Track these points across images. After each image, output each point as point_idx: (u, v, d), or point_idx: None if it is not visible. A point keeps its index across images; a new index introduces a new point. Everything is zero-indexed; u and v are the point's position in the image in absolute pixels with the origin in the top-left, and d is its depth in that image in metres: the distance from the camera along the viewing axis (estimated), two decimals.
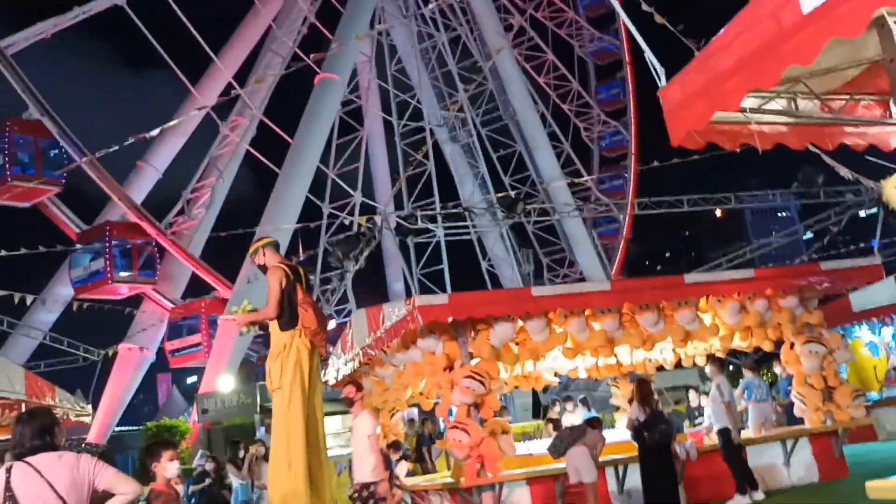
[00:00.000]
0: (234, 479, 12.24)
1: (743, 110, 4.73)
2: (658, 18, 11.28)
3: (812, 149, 5.37)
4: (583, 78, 51.97)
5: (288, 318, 6.00)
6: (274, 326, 6.10)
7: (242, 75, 35.63)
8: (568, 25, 51.17)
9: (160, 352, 33.01)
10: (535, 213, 27.86)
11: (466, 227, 36.04)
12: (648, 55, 4.82)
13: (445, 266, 36.01)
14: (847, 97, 5.19)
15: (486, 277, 41.66)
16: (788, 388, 13.89)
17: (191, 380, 42.11)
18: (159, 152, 34.37)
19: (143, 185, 33.94)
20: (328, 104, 36.13)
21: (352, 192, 39.31)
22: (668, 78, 4.89)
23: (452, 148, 42.32)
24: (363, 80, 41.43)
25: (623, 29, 49.71)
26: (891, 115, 4.91)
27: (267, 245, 6.36)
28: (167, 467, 5.41)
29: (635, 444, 10.27)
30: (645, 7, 11.32)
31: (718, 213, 29.84)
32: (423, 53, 42.56)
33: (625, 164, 51.23)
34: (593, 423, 10.69)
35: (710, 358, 12.41)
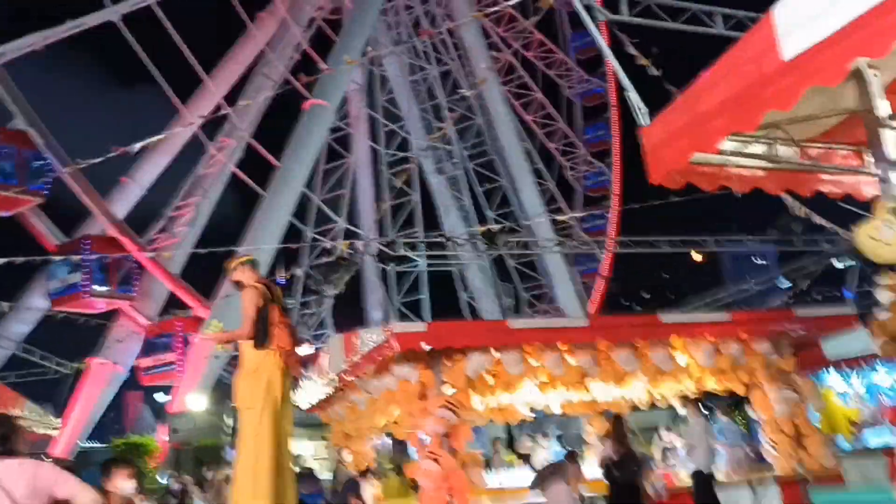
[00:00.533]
0: (199, 502, 12.06)
1: (722, 152, 4.82)
2: (641, 60, 11.52)
3: (788, 195, 5.47)
4: (570, 118, 52.61)
5: (262, 337, 5.97)
6: (247, 345, 6.06)
7: (233, 97, 35.70)
8: (557, 66, 51.93)
9: (132, 369, 32.58)
10: (517, 246, 27.97)
11: (448, 257, 36.09)
12: (631, 94, 4.92)
13: (426, 296, 36.01)
14: (825, 145, 5.31)
15: (467, 310, 41.70)
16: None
17: (161, 398, 41.52)
18: (144, 169, 34.25)
19: (125, 200, 33.73)
20: (317, 130, 36.28)
21: (336, 218, 39.38)
22: (650, 118, 4.97)
23: (438, 179, 42.58)
24: (353, 108, 41.73)
25: (610, 72, 50.44)
26: (866, 166, 5.02)
27: (245, 262, 6.35)
28: (119, 486, 5.30)
29: (605, 482, 10.27)
30: (630, 49, 11.56)
31: (698, 257, 30.08)
32: (413, 85, 42.98)
33: (607, 204, 51.71)
34: (572, 458, 10.68)
35: (687, 400, 12.44)
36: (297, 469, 11.46)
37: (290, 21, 37.14)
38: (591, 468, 14.50)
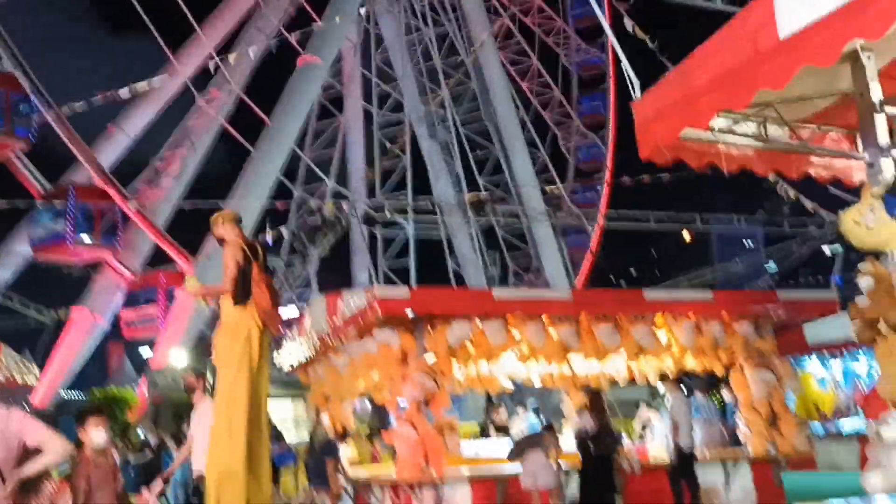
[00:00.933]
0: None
1: (712, 130, 4.75)
2: (639, 33, 11.38)
3: (776, 176, 5.42)
4: (566, 87, 52.20)
5: (241, 294, 5.91)
6: (226, 301, 6.00)
7: (225, 49, 35.15)
8: (556, 34, 51.39)
9: (114, 320, 32.48)
10: (506, 216, 27.93)
11: (436, 223, 36.02)
12: (626, 67, 4.83)
13: (412, 261, 35.97)
14: (816, 127, 5.24)
15: (452, 277, 41.72)
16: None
17: (144, 352, 41.52)
18: (132, 118, 33.78)
19: (112, 149, 33.30)
20: (309, 87, 35.87)
21: (325, 178, 39.13)
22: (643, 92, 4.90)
23: (430, 143, 42.26)
24: (346, 67, 41.24)
25: (609, 44, 49.96)
26: (857, 150, 4.96)
27: (229, 218, 6.26)
28: (91, 435, 5.31)
29: (579, 454, 10.34)
30: (627, 22, 11.41)
31: (687, 236, 30.18)
32: (409, 46, 42.47)
33: (599, 177, 51.56)
34: (550, 430, 10.73)
35: (666, 379, 12.52)
36: None
37: None
38: (569, 441, 14.62)
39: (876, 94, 4.40)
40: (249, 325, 5.87)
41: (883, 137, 4.38)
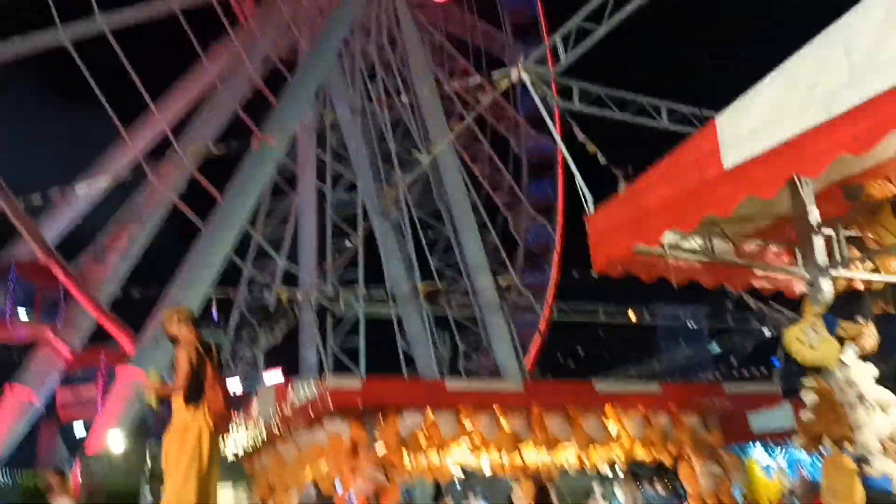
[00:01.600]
0: None
1: (662, 245, 4.96)
2: (590, 148, 11.92)
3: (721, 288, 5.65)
4: (516, 172, 53.39)
5: (193, 395, 5.82)
6: (178, 402, 5.89)
7: (179, 128, 35.27)
8: (507, 121, 52.88)
9: (49, 399, 31.22)
10: (456, 305, 28.13)
11: (386, 303, 35.99)
12: (579, 181, 5.06)
13: (362, 346, 35.68)
14: (759, 242, 5.51)
15: (402, 358, 41.40)
16: None
17: (79, 434, 39.82)
18: (80, 192, 33.34)
19: (57, 225, 32.73)
20: (263, 167, 36.03)
21: (276, 256, 38.92)
22: (596, 206, 5.10)
23: (382, 224, 42.53)
24: (301, 147, 41.64)
25: (559, 132, 51.45)
26: (797, 264, 5.21)
27: (183, 317, 6.20)
28: None
29: None
30: (580, 137, 11.97)
31: (632, 316, 30.79)
32: (363, 130, 43.17)
33: (548, 260, 52.36)
34: None
35: (624, 472, 12.52)
36: None
37: (244, 56, 37.03)
38: None
39: (814, 216, 4.68)
40: (201, 426, 5.76)
41: (821, 258, 4.63)
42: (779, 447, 19.58)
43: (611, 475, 12.93)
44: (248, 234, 37.80)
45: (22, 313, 29.03)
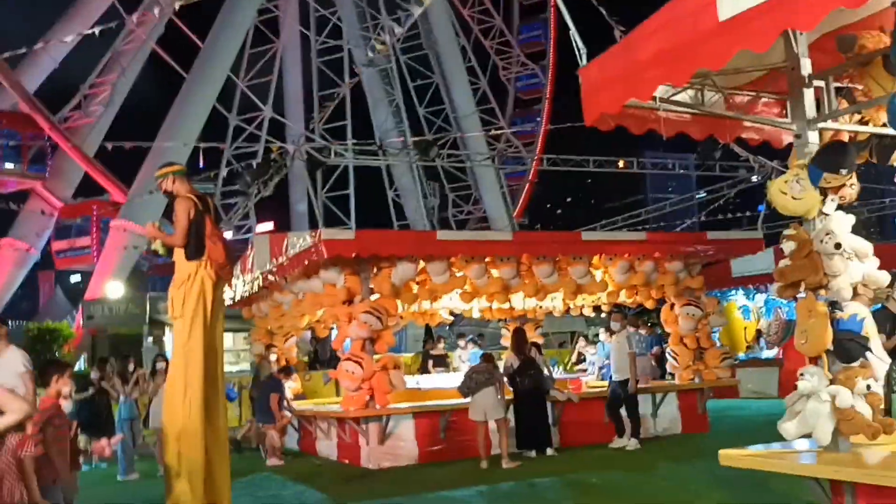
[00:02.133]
0: (120, 395, 12.13)
1: (653, 98, 4.97)
2: None
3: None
4: (507, 15, 51.60)
5: (194, 248, 5.97)
6: (179, 256, 6.06)
7: None
8: None
9: (45, 252, 31.67)
10: (446, 155, 28.00)
11: (376, 153, 35.86)
12: (572, 32, 4.99)
13: (352, 194, 35.84)
14: (750, 93, 5.52)
15: (392, 207, 41.78)
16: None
17: (74, 279, 40.60)
18: (57, 39, 32.16)
19: (37, 73, 31.79)
20: (244, 10, 34.73)
21: (262, 105, 38.26)
22: (589, 58, 5.07)
23: (369, 72, 41.56)
24: None
25: None
26: (787, 116, 5.26)
27: (176, 173, 6.25)
28: (63, 392, 5.39)
29: (510, 388, 10.91)
30: None
31: (621, 163, 30.83)
32: None
33: (539, 107, 51.70)
34: (487, 359, 11.10)
35: (616, 310, 13.04)
36: None
37: None
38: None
39: (806, 68, 4.68)
40: (203, 278, 5.96)
41: (810, 110, 4.68)
42: (757, 290, 20.40)
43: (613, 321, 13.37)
44: (232, 84, 36.95)
45: (8, 163, 28.84)
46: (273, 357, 13.86)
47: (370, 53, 35.10)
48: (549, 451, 10.85)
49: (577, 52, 4.92)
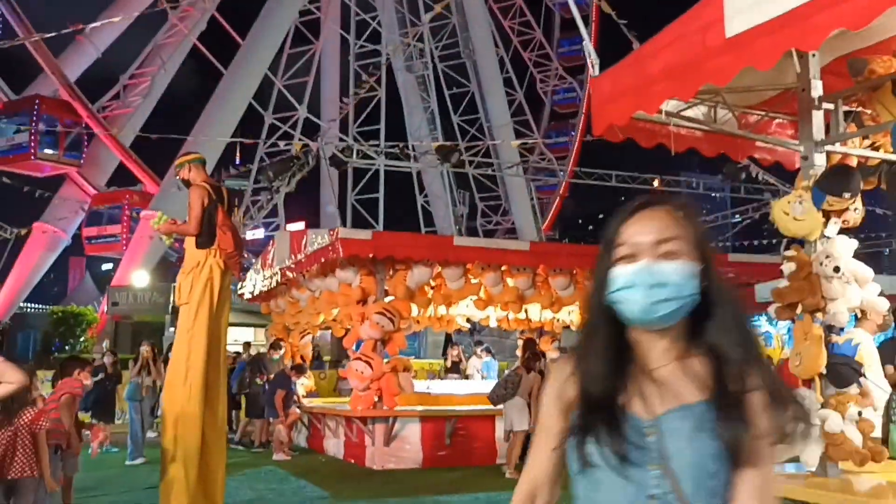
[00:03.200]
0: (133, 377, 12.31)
1: (664, 112, 4.99)
2: (605, 7, 11.45)
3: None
4: (547, 29, 51.58)
5: (206, 236, 6.07)
6: (190, 243, 6.17)
7: None
8: None
9: (76, 236, 32.22)
10: (475, 163, 28.07)
11: (407, 157, 36.00)
12: (586, 44, 5.01)
13: (381, 197, 35.98)
14: (764, 113, 5.50)
15: (420, 213, 41.86)
16: None
17: (106, 266, 41.26)
18: (101, 29, 32.80)
19: (79, 61, 32.42)
20: (285, 11, 35.13)
21: (297, 105, 38.63)
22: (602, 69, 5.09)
23: (406, 77, 41.83)
24: None
25: None
26: (798, 138, 5.24)
27: (193, 161, 6.37)
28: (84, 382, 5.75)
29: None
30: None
31: (656, 183, 30.73)
32: None
33: (574, 121, 51.54)
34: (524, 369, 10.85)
35: None
36: None
37: None
38: None
39: (817, 90, 4.66)
40: (212, 266, 6.06)
41: (818, 132, 4.66)
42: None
43: None
44: (269, 83, 37.37)
45: (47, 149, 29.43)
46: (276, 356, 13.95)
47: (401, 42, 35.26)
48: None
49: (589, 63, 4.95)
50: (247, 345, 16.53)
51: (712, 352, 1.50)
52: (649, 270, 1.48)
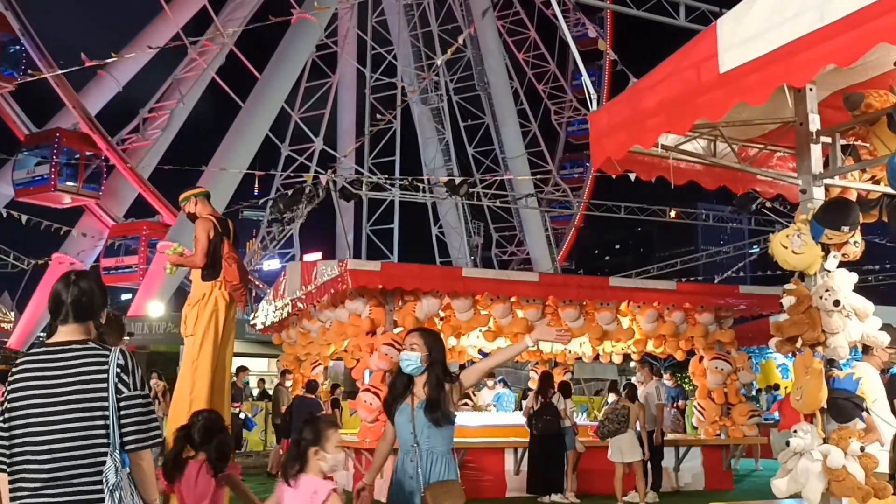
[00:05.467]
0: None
1: (662, 146, 5.01)
2: (601, 45, 11.56)
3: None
4: (561, 61, 51.97)
5: (211, 269, 6.16)
6: (196, 275, 6.24)
7: (220, 3, 34.86)
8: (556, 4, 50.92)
9: (94, 267, 32.53)
10: (489, 194, 28.16)
11: (421, 192, 36.22)
12: (585, 80, 5.07)
13: (396, 228, 36.17)
14: (763, 146, 5.51)
15: (435, 243, 41.99)
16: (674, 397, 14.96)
17: (125, 297, 41.56)
18: (122, 64, 33.43)
19: (100, 95, 33.05)
20: (302, 45, 35.65)
21: (313, 137, 39.06)
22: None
23: (421, 109, 42.22)
24: (342, 27, 40.95)
25: (609, 18, 49.88)
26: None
27: (198, 195, 6.48)
28: None
29: (528, 430, 10.83)
30: (591, 33, 11.57)
31: (672, 213, 30.65)
32: (406, 9, 42.16)
33: (588, 153, 51.53)
34: (631, 396, 10.85)
35: (642, 362, 12.94)
36: None
37: None
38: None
39: (814, 124, 4.67)
40: (217, 298, 6.13)
41: (816, 166, 4.67)
42: None
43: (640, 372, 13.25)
44: (285, 115, 37.85)
45: (66, 181, 29.87)
46: (289, 383, 13.99)
47: (416, 75, 35.65)
48: (557, 498, 10.69)
49: (588, 98, 5.00)
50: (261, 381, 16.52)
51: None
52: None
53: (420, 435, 4.19)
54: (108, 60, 15.40)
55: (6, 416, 3.00)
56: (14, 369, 3.08)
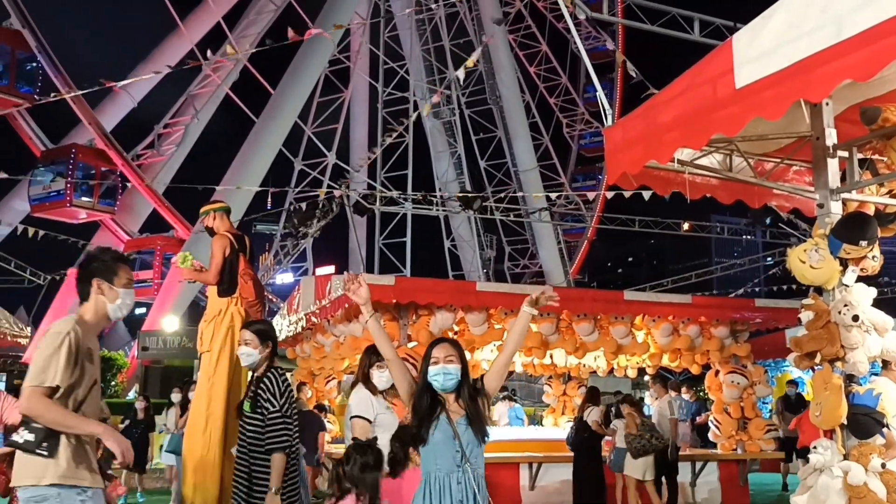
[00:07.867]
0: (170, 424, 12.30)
1: (678, 161, 5.01)
2: (619, 58, 11.58)
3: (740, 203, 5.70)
4: (573, 74, 52.04)
5: (227, 285, 6.18)
6: (212, 291, 6.28)
7: (233, 17, 35.18)
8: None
9: None
10: (501, 207, 28.17)
11: (433, 204, 36.28)
12: (600, 95, 5.08)
13: (408, 242, 36.23)
14: (778, 160, 5.50)
15: (448, 256, 42.02)
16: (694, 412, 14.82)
17: (139, 311, 41.77)
18: (137, 82, 33.78)
19: (115, 111, 33.39)
20: (315, 60, 35.87)
21: (326, 151, 39.27)
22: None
23: (433, 123, 42.35)
24: (354, 42, 41.22)
25: (621, 33, 49.90)
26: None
27: (218, 210, 6.52)
28: None
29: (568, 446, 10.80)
30: (609, 45, 11.62)
31: (686, 226, 30.53)
32: (417, 24, 42.39)
33: (601, 165, 51.62)
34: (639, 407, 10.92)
35: (656, 376, 12.86)
36: None
37: None
38: (549, 428, 15.04)
39: (831, 139, 4.67)
40: (234, 314, 6.15)
41: (834, 181, 4.65)
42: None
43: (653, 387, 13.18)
44: (299, 130, 38.07)
45: (82, 197, 30.13)
46: (304, 397, 13.96)
47: (429, 99, 35.80)
48: None
49: (602, 112, 5.01)
50: None
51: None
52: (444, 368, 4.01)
53: (470, 454, 3.85)
54: (126, 81, 15.57)
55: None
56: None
